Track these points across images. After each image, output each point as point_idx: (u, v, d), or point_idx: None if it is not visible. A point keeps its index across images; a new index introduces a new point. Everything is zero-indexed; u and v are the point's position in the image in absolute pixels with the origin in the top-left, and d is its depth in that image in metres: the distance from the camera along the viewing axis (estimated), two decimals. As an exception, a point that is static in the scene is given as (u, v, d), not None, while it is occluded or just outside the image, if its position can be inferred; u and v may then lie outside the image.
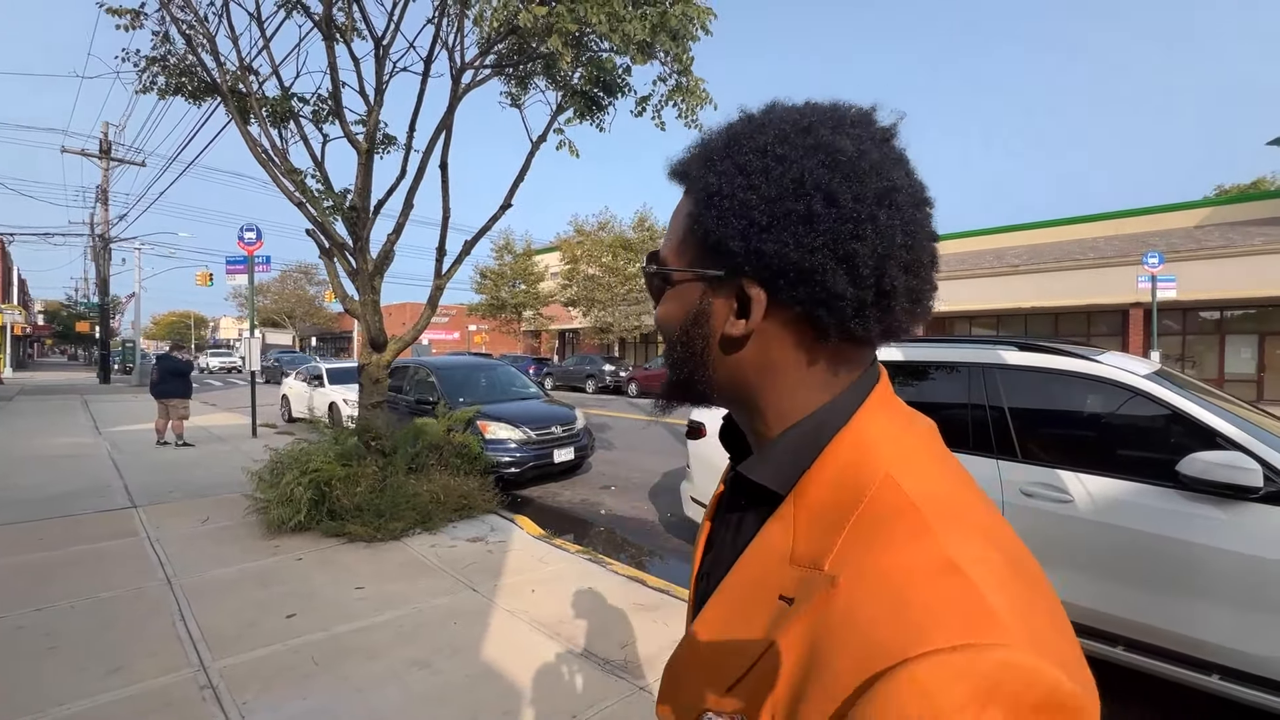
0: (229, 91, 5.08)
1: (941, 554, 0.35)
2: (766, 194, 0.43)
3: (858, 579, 0.36)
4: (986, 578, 0.34)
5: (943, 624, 0.32)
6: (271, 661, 2.68)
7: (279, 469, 4.87)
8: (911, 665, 0.31)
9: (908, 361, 3.42)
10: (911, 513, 0.38)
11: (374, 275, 5.24)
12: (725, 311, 0.46)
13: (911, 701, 0.30)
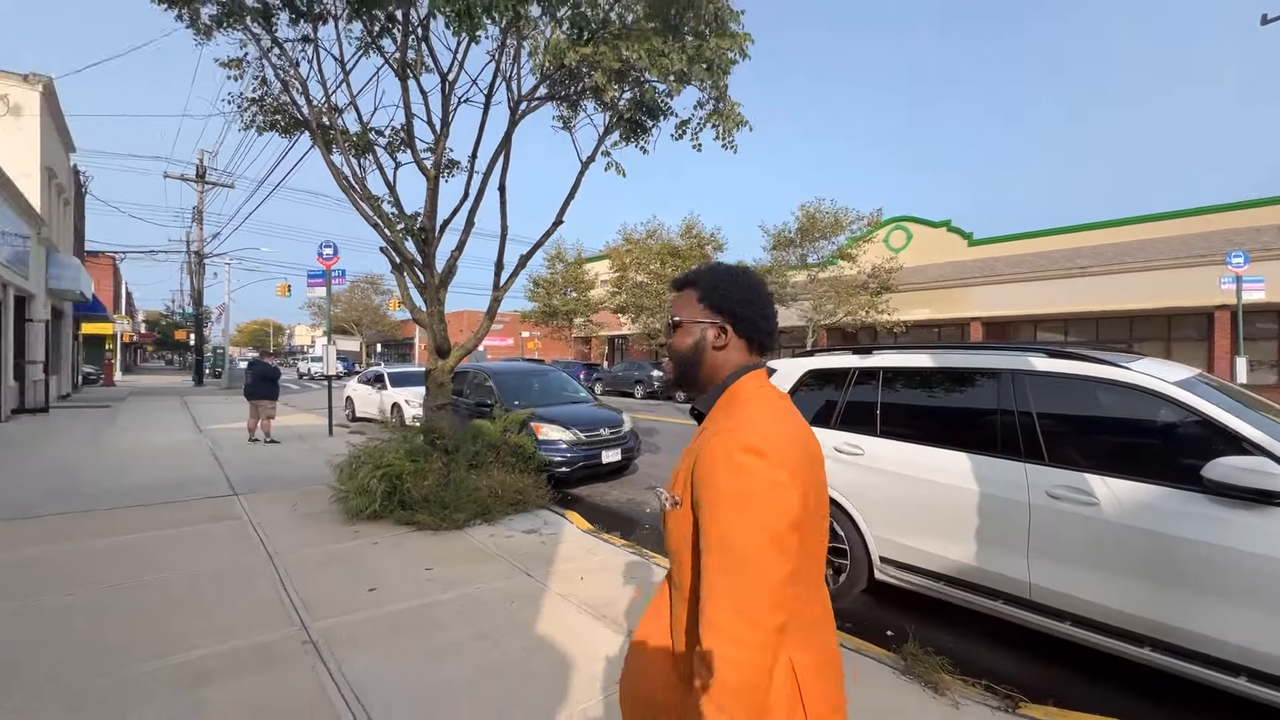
0: (317, 127, 5.72)
1: (745, 409, 0.98)
2: (735, 294, 1.07)
3: (713, 417, 1.03)
4: (755, 419, 0.94)
5: (730, 427, 0.93)
6: (358, 626, 3.10)
7: (356, 463, 5.42)
8: (729, 426, 0.93)
9: (939, 368, 3.53)
10: (741, 399, 1.01)
11: (439, 288, 5.75)
12: (714, 336, 1.08)
13: (708, 444, 0.92)
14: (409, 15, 4.88)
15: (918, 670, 2.75)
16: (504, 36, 4.76)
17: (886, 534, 3.48)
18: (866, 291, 18.97)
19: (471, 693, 2.51)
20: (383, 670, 2.67)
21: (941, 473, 3.25)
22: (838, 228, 19.06)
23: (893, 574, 3.46)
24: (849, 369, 3.95)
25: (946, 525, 3.21)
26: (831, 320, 19.63)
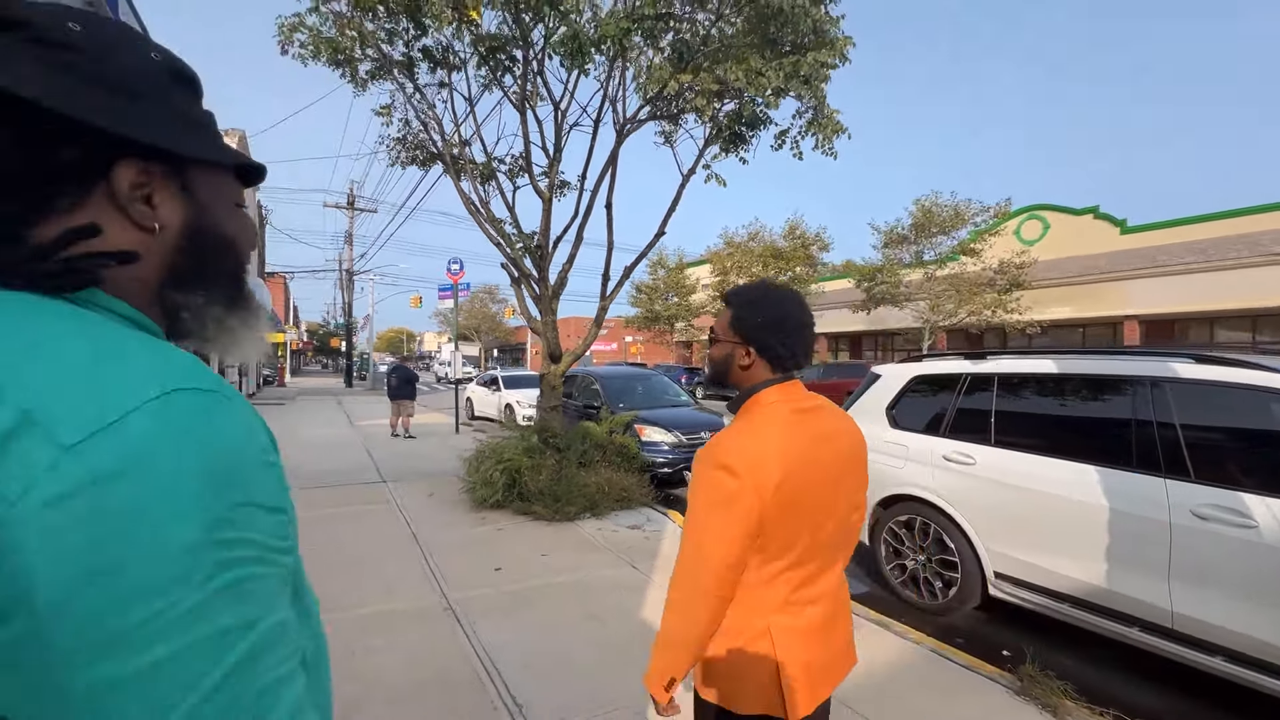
0: (449, 159, 6.49)
1: (750, 424, 1.16)
2: (760, 320, 1.20)
3: (735, 422, 1.21)
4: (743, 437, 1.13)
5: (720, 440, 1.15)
6: (487, 598, 3.55)
7: (481, 458, 6.06)
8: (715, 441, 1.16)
9: (1064, 374, 3.31)
10: (753, 414, 1.18)
11: (553, 299, 6.26)
12: (741, 355, 1.22)
13: (702, 450, 1.17)
14: (527, 55, 5.43)
15: (1034, 692, 2.64)
16: (610, 66, 5.14)
17: (1002, 548, 3.31)
18: (993, 289, 17.36)
19: (582, 662, 2.81)
20: (508, 636, 3.06)
21: (1065, 486, 3.05)
22: (958, 221, 17.65)
23: (1009, 591, 3.29)
24: (960, 375, 3.80)
25: (1071, 542, 3.01)
26: (952, 321, 18.19)
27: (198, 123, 0.53)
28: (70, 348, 0.40)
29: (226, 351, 0.55)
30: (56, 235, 0.45)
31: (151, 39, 0.53)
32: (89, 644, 0.33)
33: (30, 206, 0.44)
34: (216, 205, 0.53)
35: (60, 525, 0.34)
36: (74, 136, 0.45)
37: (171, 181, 0.50)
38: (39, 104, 0.43)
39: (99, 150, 0.46)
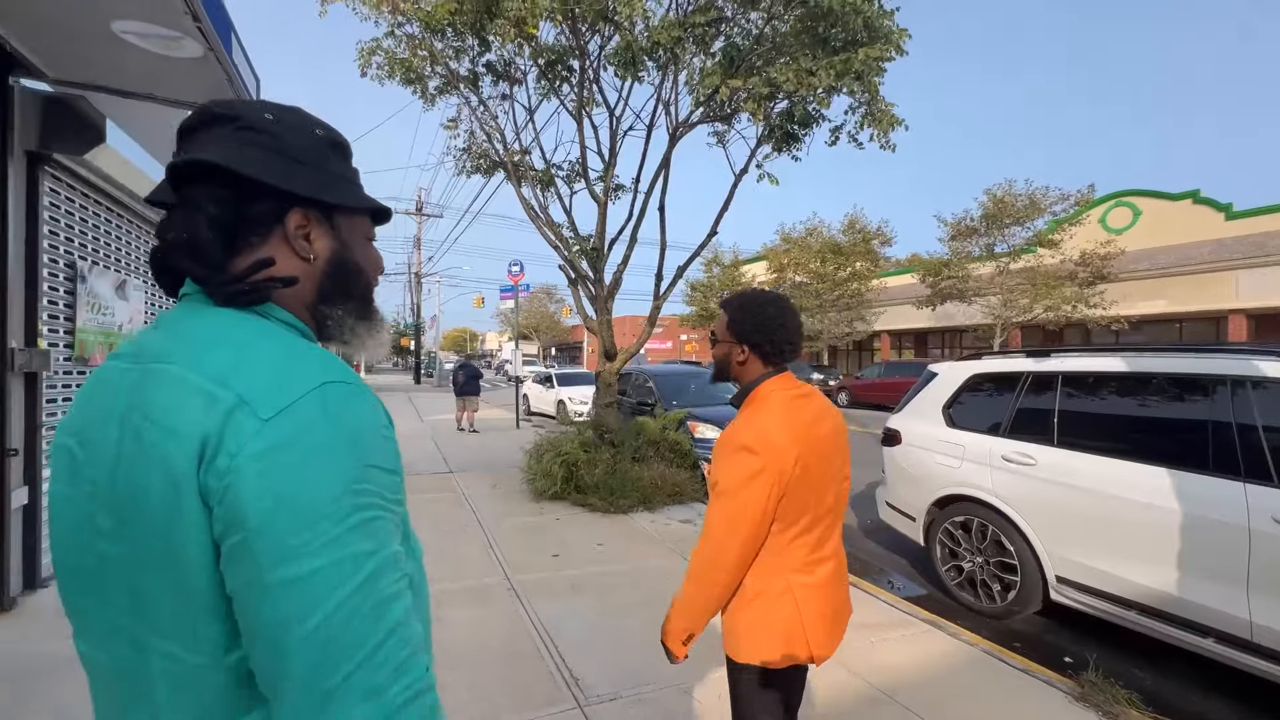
0: (510, 166, 6.82)
1: (758, 410, 1.35)
2: (749, 323, 1.41)
3: (741, 411, 1.40)
4: (757, 421, 1.31)
5: (738, 426, 1.34)
6: (545, 581, 3.78)
7: (540, 451, 6.35)
8: (731, 428, 1.33)
9: (1135, 373, 3.17)
10: (759, 401, 1.38)
11: (608, 299, 6.47)
12: (737, 353, 1.43)
13: (723, 435, 1.35)
14: (584, 65, 5.64)
15: (1095, 699, 2.57)
16: (662, 73, 5.26)
17: (1065, 552, 3.21)
18: (1074, 282, 16.21)
19: (633, 642, 2.97)
20: (565, 615, 3.27)
21: (1134, 489, 2.93)
22: (1034, 210, 16.59)
23: (1072, 596, 3.19)
24: (1021, 373, 3.69)
25: (1140, 547, 2.89)
26: (1026, 317, 17.13)
27: (345, 178, 0.71)
28: (266, 350, 0.58)
29: (357, 352, 0.73)
30: (248, 265, 0.64)
31: (318, 119, 0.71)
32: (275, 553, 0.51)
33: (230, 242, 0.63)
34: (353, 241, 0.72)
35: (260, 472, 0.51)
36: (263, 194, 0.63)
37: (323, 223, 0.68)
38: (240, 172, 0.61)
39: (278, 203, 0.64)
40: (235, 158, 0.61)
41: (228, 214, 0.62)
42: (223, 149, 0.62)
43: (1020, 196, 16.68)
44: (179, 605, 0.53)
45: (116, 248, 4.50)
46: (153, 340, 0.61)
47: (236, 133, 0.63)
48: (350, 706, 0.50)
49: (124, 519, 0.54)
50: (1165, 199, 18.50)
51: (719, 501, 1.28)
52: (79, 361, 3.92)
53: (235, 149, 0.62)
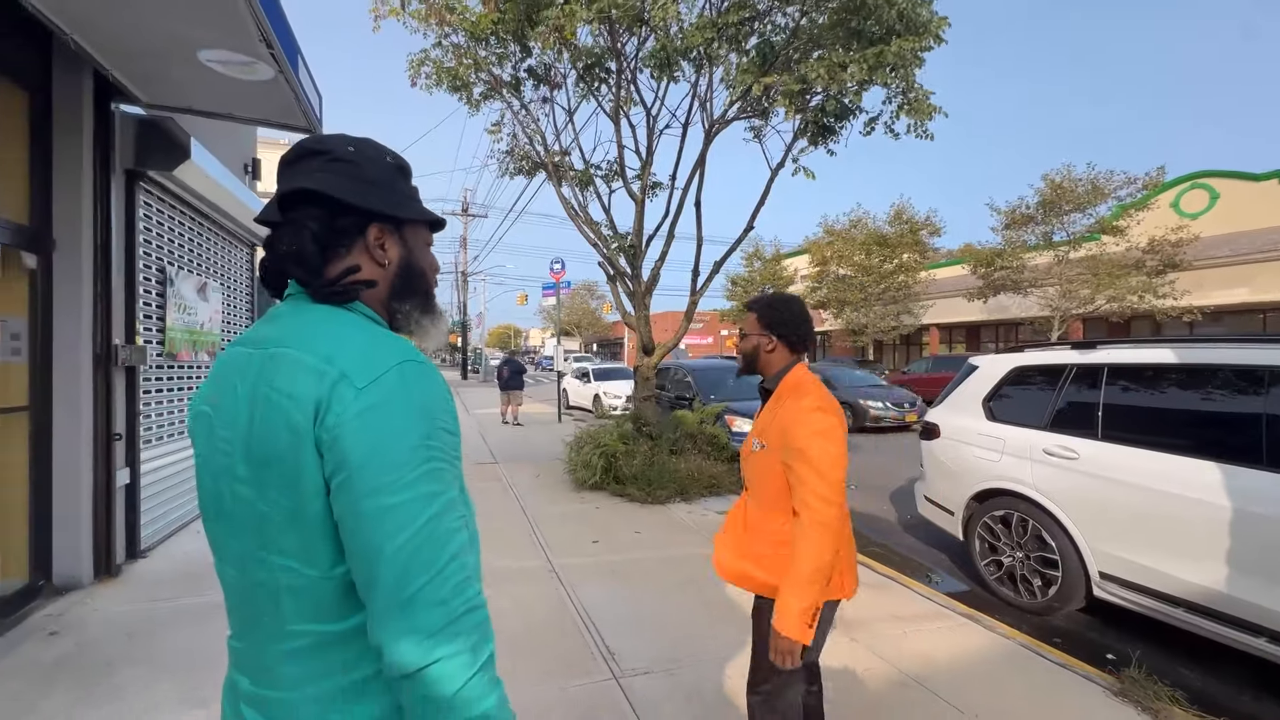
0: (551, 167, 7.04)
1: (807, 388, 1.61)
2: (780, 318, 1.70)
3: (793, 400, 1.60)
4: (816, 392, 1.59)
5: (805, 400, 1.57)
6: (585, 565, 3.96)
7: (580, 443, 6.57)
8: (804, 402, 1.56)
9: (1185, 365, 3.07)
10: (801, 382, 1.64)
11: (646, 295, 6.61)
12: (765, 343, 1.71)
13: (795, 413, 1.56)
14: (620, 66, 5.78)
15: (1135, 694, 2.54)
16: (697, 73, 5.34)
17: (1108, 547, 3.15)
18: (1141, 271, 15.27)
19: (668, 622, 3.11)
20: (603, 597, 3.44)
21: (1182, 484, 2.86)
22: (1097, 196, 15.69)
23: (1115, 592, 3.13)
24: (1065, 365, 3.61)
25: (1189, 543, 2.81)
26: (1088, 309, 16.25)
27: (410, 196, 0.87)
28: (358, 336, 0.74)
29: (421, 340, 0.89)
30: (339, 271, 0.80)
31: (387, 147, 0.87)
32: (368, 487, 0.66)
33: (324, 254, 0.80)
34: (417, 248, 0.87)
35: (357, 428, 0.67)
36: (349, 212, 0.79)
37: (394, 234, 0.84)
38: (332, 196, 0.77)
39: (360, 219, 0.80)
40: (328, 184, 0.78)
41: (323, 229, 0.79)
42: (317, 178, 0.78)
43: (1081, 181, 15.81)
44: (298, 530, 0.70)
45: (197, 253, 4.94)
46: (269, 331, 0.78)
47: (327, 164, 0.80)
48: (424, 611, 0.66)
49: (257, 465, 0.71)
50: (1247, 179, 17.13)
51: (809, 465, 1.48)
52: (168, 357, 4.35)
53: (327, 177, 0.78)
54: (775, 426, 1.60)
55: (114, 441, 3.56)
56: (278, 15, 2.85)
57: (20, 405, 3.19)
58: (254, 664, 0.76)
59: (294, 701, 0.73)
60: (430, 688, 0.65)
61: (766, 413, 1.69)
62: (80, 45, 2.94)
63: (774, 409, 1.65)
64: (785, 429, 1.55)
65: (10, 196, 3.12)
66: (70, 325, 3.35)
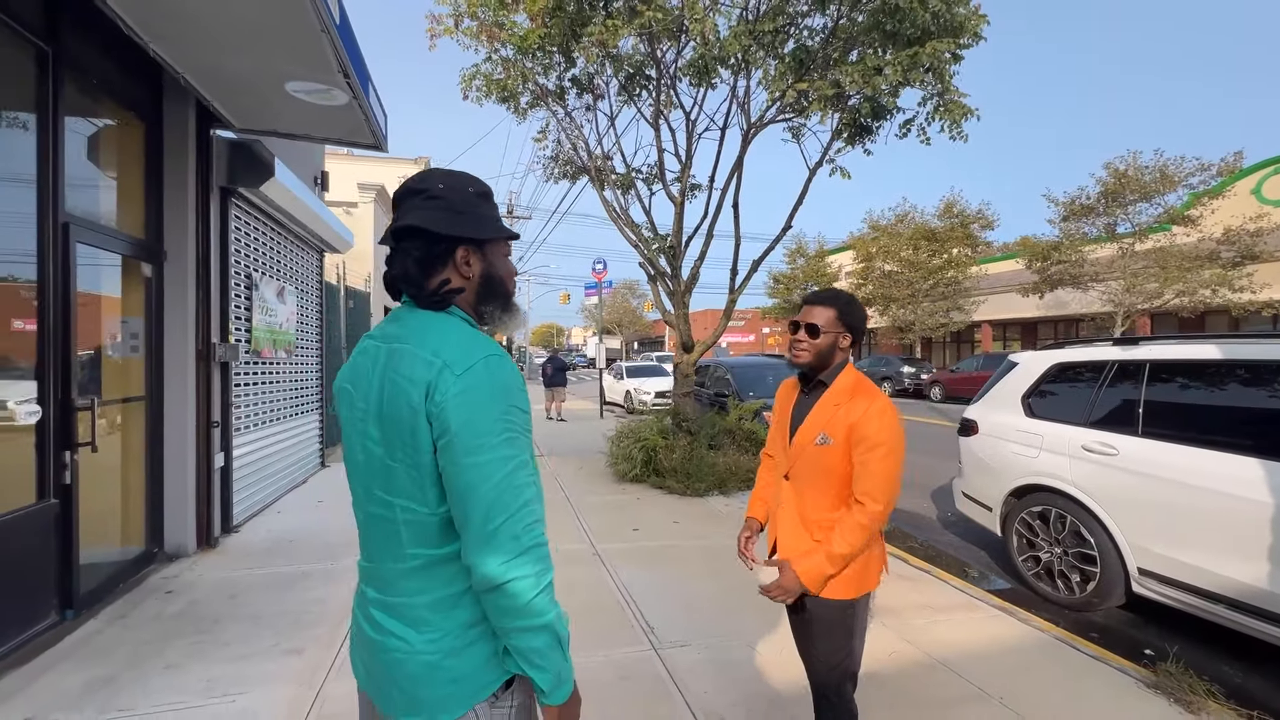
0: (594, 171, 7.31)
1: (869, 385, 1.69)
2: (858, 315, 1.75)
3: (864, 399, 1.65)
4: (879, 392, 1.68)
5: (874, 398, 1.64)
6: (626, 550, 4.20)
7: (621, 437, 6.82)
8: (876, 403, 1.63)
9: (1229, 360, 3.04)
10: (862, 379, 1.71)
11: (685, 294, 6.80)
12: (840, 340, 1.72)
13: (867, 409, 1.62)
14: (660, 74, 5.98)
15: (1168, 687, 2.57)
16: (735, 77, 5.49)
17: (1147, 544, 3.15)
18: (1216, 263, 14.33)
19: (704, 603, 3.31)
20: (642, 579, 3.66)
21: (1225, 480, 2.84)
22: (1166, 184, 14.82)
23: (1154, 588, 3.12)
24: (1106, 362, 3.60)
25: (1230, 540, 2.80)
26: (1155, 303, 15.37)
27: (491, 217, 1.10)
28: (456, 335, 0.98)
29: (503, 333, 1.13)
30: (436, 284, 1.04)
31: (472, 177, 1.10)
32: (464, 448, 0.90)
33: (426, 272, 1.04)
34: (497, 260, 1.11)
35: (456, 405, 0.91)
36: (441, 240, 1.03)
37: (477, 252, 1.07)
38: (428, 229, 1.01)
39: (451, 244, 1.04)
40: (425, 219, 1.02)
41: (423, 255, 1.03)
42: (416, 214, 1.02)
43: (1148, 169, 14.96)
44: (416, 478, 0.94)
45: (277, 260, 5.45)
46: (392, 329, 1.03)
47: (424, 201, 1.04)
48: (503, 542, 0.89)
49: (385, 428, 0.96)
50: (1341, 162, 15.81)
51: (884, 461, 1.58)
52: (253, 354, 4.85)
53: (423, 214, 1.02)
54: (842, 422, 1.62)
55: (213, 429, 4.03)
56: (354, 49, 3.20)
57: (139, 395, 3.67)
58: (380, 578, 1.02)
59: (413, 605, 0.98)
60: (508, 599, 0.89)
61: (828, 407, 1.67)
62: (189, 82, 3.38)
63: (838, 405, 1.66)
64: (858, 425, 1.59)
65: (131, 215, 3.61)
66: (178, 325, 3.83)
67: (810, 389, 1.76)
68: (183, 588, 3.39)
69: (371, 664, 1.01)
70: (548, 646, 0.94)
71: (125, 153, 3.59)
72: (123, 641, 2.76)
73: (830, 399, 1.68)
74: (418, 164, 19.34)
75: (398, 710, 0.97)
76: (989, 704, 2.43)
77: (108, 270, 3.45)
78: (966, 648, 2.91)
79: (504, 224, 1.13)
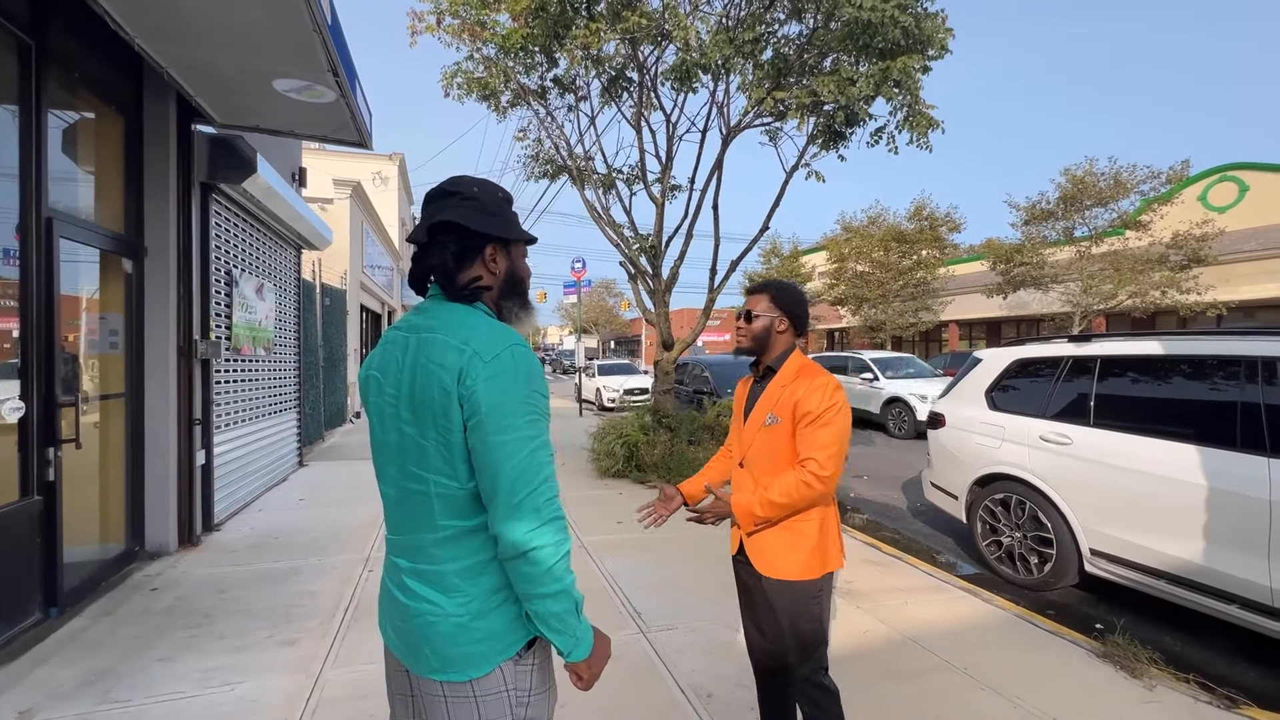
0: (575, 171, 7.39)
1: (815, 369, 1.77)
2: (793, 299, 1.85)
3: (807, 378, 1.73)
4: (824, 373, 1.74)
5: (820, 379, 1.71)
6: (610, 542, 4.31)
7: (603, 433, 6.92)
8: (818, 380, 1.71)
9: (1168, 356, 3.30)
10: (807, 363, 1.80)
11: (665, 293, 6.93)
12: (776, 324, 1.82)
13: (810, 389, 1.69)
14: (642, 77, 6.10)
15: (1115, 656, 2.79)
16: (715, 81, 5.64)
17: (1098, 526, 3.39)
18: (1165, 266, 15.10)
19: (687, 590, 3.44)
20: (628, 568, 3.78)
21: (1164, 465, 3.10)
22: (1119, 190, 15.55)
23: (1105, 568, 3.37)
24: (1061, 357, 3.85)
25: (1169, 520, 3.06)
26: (1110, 305, 16.12)
27: (513, 220, 1.20)
28: (484, 326, 1.08)
29: (520, 328, 1.22)
30: (466, 279, 1.14)
31: (499, 184, 1.20)
32: (492, 427, 1.00)
33: (459, 266, 1.13)
34: (518, 259, 1.21)
35: (485, 389, 1.01)
36: (474, 237, 1.13)
37: (502, 251, 1.17)
38: (463, 225, 1.11)
39: (481, 241, 1.14)
40: (463, 217, 1.11)
41: (459, 249, 1.12)
42: (456, 212, 1.12)
43: (1103, 176, 15.68)
44: (448, 456, 1.04)
45: (256, 257, 5.40)
46: (420, 320, 1.12)
47: (461, 202, 1.13)
48: (526, 513, 1.00)
49: (417, 411, 1.05)
50: (1278, 171, 16.82)
51: (827, 432, 1.63)
52: (233, 351, 4.80)
53: (462, 212, 1.12)
54: (787, 401, 1.69)
55: (194, 426, 4.00)
56: (343, 48, 3.23)
57: (119, 392, 3.63)
58: (412, 549, 1.11)
59: (444, 572, 1.07)
60: (531, 565, 1.00)
61: (775, 390, 1.75)
62: (173, 77, 3.36)
63: (783, 386, 1.73)
64: (801, 402, 1.66)
65: (110, 209, 3.57)
66: (159, 322, 3.79)
67: (762, 377, 1.85)
68: (168, 584, 3.38)
69: (404, 628, 1.10)
70: (565, 611, 1.05)
71: (105, 147, 3.55)
72: (113, 636, 2.76)
73: (778, 382, 1.76)
74: (392, 160, 19.06)
75: (430, 669, 1.06)
76: (955, 674, 2.62)
77: (88, 266, 3.41)
78: (935, 626, 3.10)
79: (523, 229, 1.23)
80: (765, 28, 4.77)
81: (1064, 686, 2.55)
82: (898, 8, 3.93)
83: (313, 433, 8.28)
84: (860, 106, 4.57)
